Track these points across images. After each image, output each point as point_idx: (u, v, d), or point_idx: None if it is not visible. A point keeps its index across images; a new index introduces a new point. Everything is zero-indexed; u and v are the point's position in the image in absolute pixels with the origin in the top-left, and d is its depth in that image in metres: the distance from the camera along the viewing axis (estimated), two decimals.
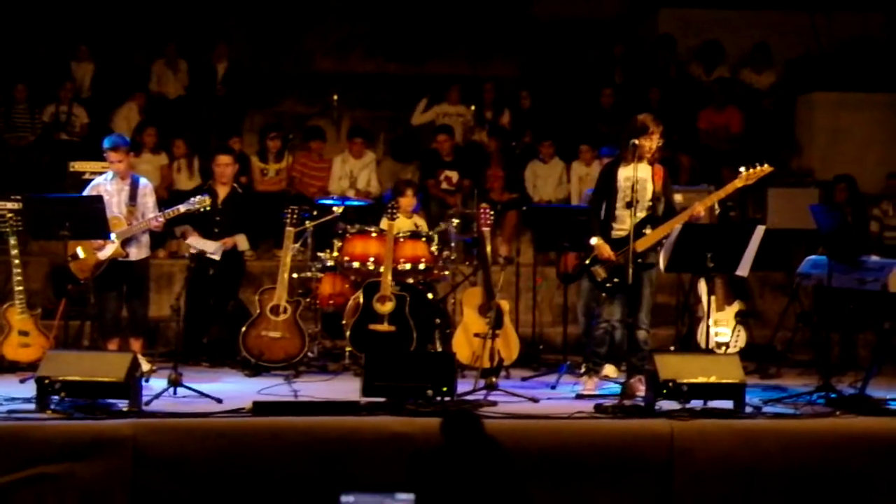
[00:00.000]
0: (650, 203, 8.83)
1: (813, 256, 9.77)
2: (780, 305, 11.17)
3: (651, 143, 8.77)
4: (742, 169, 8.87)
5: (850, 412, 8.23)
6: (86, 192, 9.72)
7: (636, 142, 8.65)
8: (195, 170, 12.74)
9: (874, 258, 9.15)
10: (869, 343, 10.51)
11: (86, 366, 7.86)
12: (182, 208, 9.65)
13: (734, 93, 14.16)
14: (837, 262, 9.00)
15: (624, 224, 8.84)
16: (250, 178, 12.73)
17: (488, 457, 6.03)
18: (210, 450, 7.32)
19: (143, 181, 9.83)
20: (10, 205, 11.05)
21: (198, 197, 9.75)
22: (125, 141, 9.94)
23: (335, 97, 13.83)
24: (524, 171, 13.20)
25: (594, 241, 8.90)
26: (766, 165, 8.83)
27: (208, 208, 9.89)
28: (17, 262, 9.84)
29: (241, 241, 10.65)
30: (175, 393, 8.42)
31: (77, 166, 11.76)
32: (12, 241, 9.86)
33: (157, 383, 8.73)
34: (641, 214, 8.75)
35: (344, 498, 4.57)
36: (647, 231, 8.75)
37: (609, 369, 9.43)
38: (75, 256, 9.49)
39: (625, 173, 8.86)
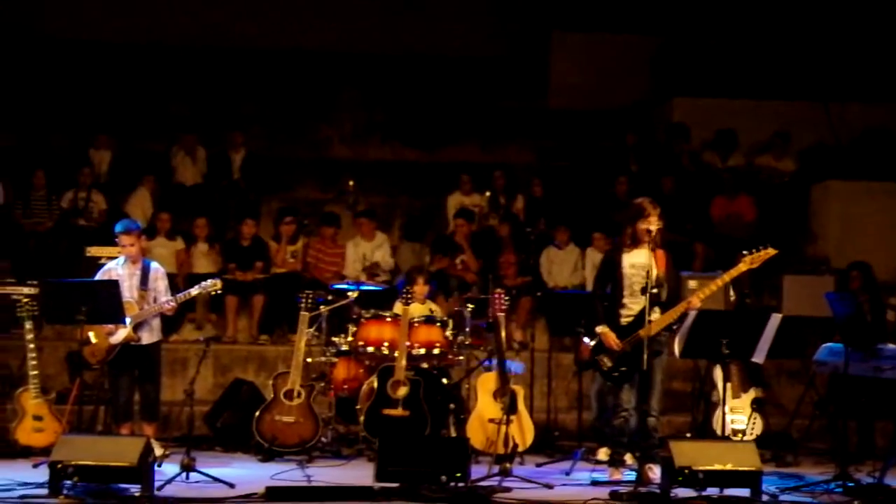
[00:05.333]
0: (654, 289, 8.77)
1: (829, 344, 9.73)
2: (795, 393, 11.10)
3: (649, 225, 8.76)
4: (745, 252, 8.85)
5: (868, 501, 8.19)
6: (98, 277, 9.73)
7: (642, 227, 8.70)
8: (213, 252, 12.84)
9: (891, 346, 9.11)
10: (887, 432, 10.42)
11: (99, 450, 7.85)
12: (194, 292, 9.65)
13: (746, 181, 14.21)
14: (854, 349, 8.96)
15: (631, 311, 8.84)
16: (268, 262, 12.78)
17: None
18: None
19: (154, 265, 9.84)
20: (26, 290, 11.11)
21: (209, 280, 9.75)
22: (136, 225, 9.99)
23: (351, 183, 13.92)
24: (539, 258, 13.23)
25: (599, 329, 8.88)
26: (769, 248, 8.79)
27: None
28: (32, 346, 9.89)
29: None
30: (188, 478, 8.40)
31: (93, 251, 11.81)
32: (27, 325, 9.91)
33: (169, 468, 8.71)
34: (646, 301, 8.74)
35: None
36: (654, 317, 8.70)
37: (602, 453, 9.44)
38: (88, 341, 9.48)
39: (629, 260, 8.87)
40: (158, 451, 8.93)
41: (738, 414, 10.32)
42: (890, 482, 8.68)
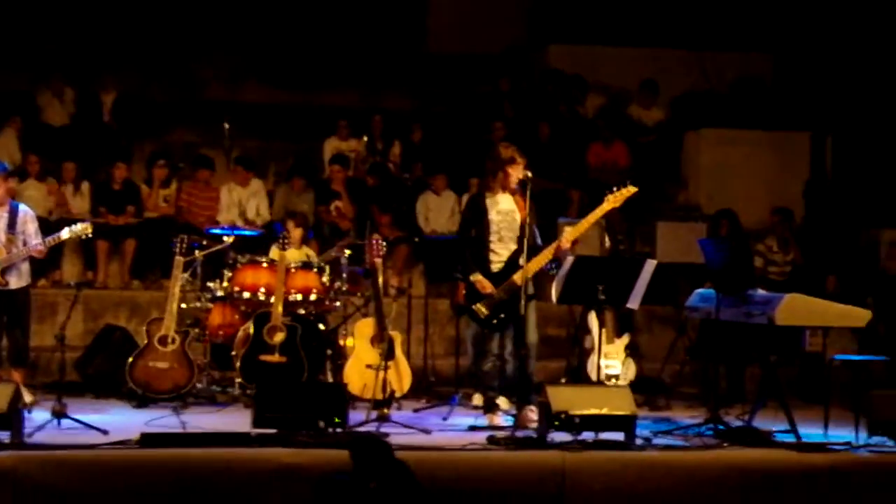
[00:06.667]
0: (518, 234, 8.88)
1: (701, 290, 9.88)
2: (667, 339, 11.27)
3: (518, 173, 8.85)
4: (607, 191, 8.97)
5: (738, 444, 8.36)
6: None
7: (512, 173, 8.78)
8: (85, 195, 12.55)
9: (761, 292, 9.28)
10: (756, 376, 10.63)
11: None
12: (64, 235, 9.41)
13: (620, 127, 14.34)
14: (725, 295, 9.11)
15: (500, 257, 8.93)
16: (139, 206, 12.56)
17: (398, 481, 6.06)
18: (96, 483, 7.18)
19: (22, 208, 9.56)
20: None
21: (79, 224, 9.51)
22: (3, 167, 9.68)
23: (226, 126, 13.69)
24: (416, 204, 13.21)
25: (472, 276, 8.92)
26: (630, 186, 8.93)
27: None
28: None
29: None
30: (59, 425, 8.24)
31: None
32: None
33: (40, 415, 8.52)
34: (513, 246, 8.80)
35: None
36: (523, 262, 8.76)
37: (501, 401, 9.45)
38: None
39: (495, 206, 8.94)
40: (28, 398, 8.73)
41: (612, 359, 10.44)
42: (758, 425, 8.89)
